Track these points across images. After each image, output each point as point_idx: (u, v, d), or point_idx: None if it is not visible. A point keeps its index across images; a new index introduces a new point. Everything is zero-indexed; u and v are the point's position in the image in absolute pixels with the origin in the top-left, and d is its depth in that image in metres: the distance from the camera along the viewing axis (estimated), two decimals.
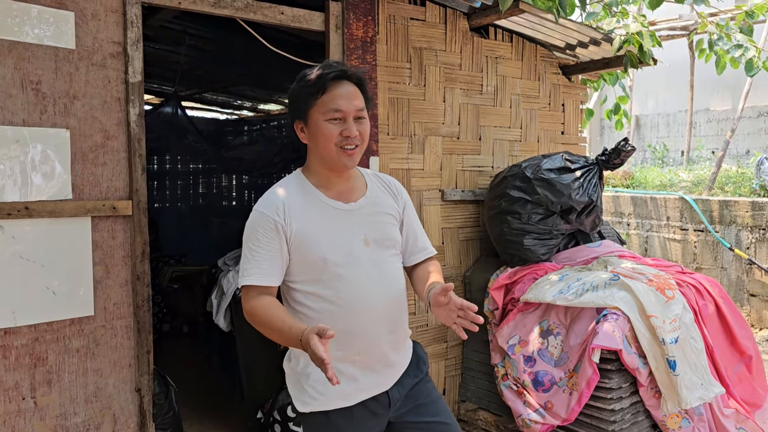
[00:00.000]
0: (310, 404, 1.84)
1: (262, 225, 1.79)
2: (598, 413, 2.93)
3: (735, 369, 3.25)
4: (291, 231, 1.79)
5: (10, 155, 2.31)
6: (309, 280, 1.82)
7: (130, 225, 2.58)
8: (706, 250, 6.20)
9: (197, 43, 4.58)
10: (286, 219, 1.79)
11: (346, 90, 1.81)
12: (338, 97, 1.79)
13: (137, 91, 2.58)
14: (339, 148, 1.80)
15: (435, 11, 3.63)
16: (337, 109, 1.78)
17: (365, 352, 1.84)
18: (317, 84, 1.79)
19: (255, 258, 1.78)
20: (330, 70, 1.81)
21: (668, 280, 3.12)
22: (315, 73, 1.82)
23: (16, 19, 2.31)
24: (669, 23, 7.98)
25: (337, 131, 1.79)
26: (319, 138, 1.81)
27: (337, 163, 1.83)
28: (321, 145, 1.82)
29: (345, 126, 1.79)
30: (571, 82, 4.39)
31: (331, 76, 1.79)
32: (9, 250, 2.31)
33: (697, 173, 7.90)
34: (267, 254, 1.78)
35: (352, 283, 1.80)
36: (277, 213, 1.79)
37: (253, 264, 1.78)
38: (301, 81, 1.84)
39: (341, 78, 1.81)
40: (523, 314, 3.30)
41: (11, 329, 2.32)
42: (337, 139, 1.79)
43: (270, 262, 1.78)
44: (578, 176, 3.43)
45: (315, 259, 1.79)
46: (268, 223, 1.78)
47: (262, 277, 1.78)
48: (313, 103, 1.80)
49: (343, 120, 1.80)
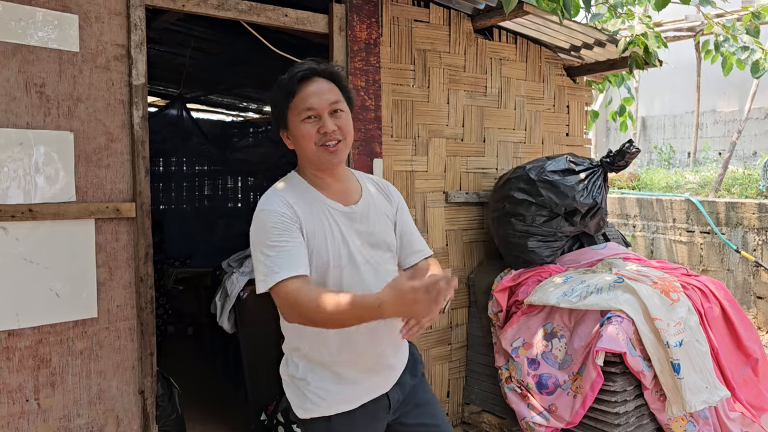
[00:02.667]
0: (311, 411, 1.81)
1: (276, 220, 1.70)
2: (603, 416, 2.92)
3: (741, 372, 3.23)
4: (303, 228, 1.75)
5: (14, 157, 2.31)
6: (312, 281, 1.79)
7: (134, 227, 2.59)
8: (713, 253, 6.16)
9: (202, 45, 4.60)
10: (296, 215, 1.75)
11: (316, 87, 1.77)
12: (308, 96, 1.76)
13: (141, 94, 2.58)
14: (320, 146, 1.77)
15: (439, 13, 3.62)
16: (309, 107, 1.75)
17: (366, 354, 1.82)
18: (287, 87, 1.77)
19: (281, 252, 1.67)
20: (297, 70, 1.78)
21: (673, 282, 3.10)
22: (286, 77, 1.79)
23: (21, 23, 2.32)
24: (675, 24, 7.95)
25: (313, 130, 1.76)
26: (300, 140, 1.78)
27: (322, 162, 1.79)
28: (303, 147, 1.79)
29: (321, 123, 1.76)
30: (575, 83, 4.37)
31: (299, 76, 1.76)
32: (12, 252, 2.31)
33: (703, 175, 7.86)
34: (292, 245, 1.68)
35: (352, 286, 1.79)
36: (289, 208, 1.74)
37: (280, 259, 1.66)
38: (276, 88, 1.82)
39: (310, 76, 1.78)
40: (527, 317, 3.28)
41: (15, 331, 2.33)
42: (315, 137, 1.76)
43: (298, 251, 1.69)
44: (582, 178, 3.41)
45: (318, 260, 1.77)
46: (283, 218, 1.71)
47: (297, 267, 1.65)
48: (287, 106, 1.78)
49: (318, 117, 1.76)
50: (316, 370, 1.82)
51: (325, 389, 1.80)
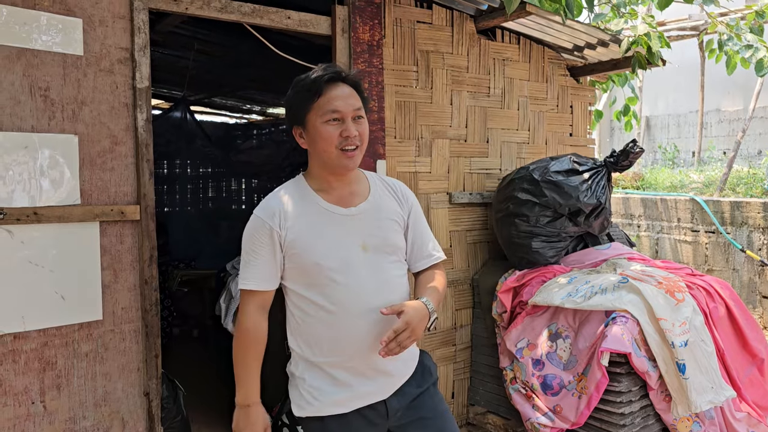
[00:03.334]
0: (305, 409, 1.85)
1: (258, 230, 1.82)
2: (608, 417, 2.91)
3: (747, 372, 3.22)
4: (285, 236, 1.80)
5: (19, 161, 2.32)
6: (304, 284, 1.82)
7: (138, 230, 2.59)
8: (718, 252, 6.14)
9: (205, 48, 4.61)
10: (281, 224, 1.80)
11: (342, 91, 1.80)
12: (335, 99, 1.78)
13: (145, 97, 2.59)
14: (339, 150, 1.79)
15: (441, 14, 3.62)
16: (335, 110, 1.78)
17: (359, 359, 1.82)
18: (313, 87, 1.79)
19: (251, 263, 1.83)
20: (325, 73, 1.80)
21: (678, 282, 3.09)
22: (309, 77, 1.82)
23: (25, 27, 2.33)
24: (679, 23, 7.94)
25: (336, 132, 1.78)
26: (319, 141, 1.80)
27: (338, 165, 1.82)
28: (321, 148, 1.81)
29: (344, 126, 1.79)
30: (579, 83, 4.37)
31: (326, 78, 1.79)
32: (18, 256, 2.33)
33: (708, 174, 7.84)
34: (262, 259, 1.82)
35: (346, 289, 1.79)
36: (272, 218, 1.81)
37: (249, 269, 1.83)
38: (297, 86, 1.84)
39: (336, 80, 1.81)
40: (532, 317, 3.28)
41: (20, 334, 2.34)
42: (337, 140, 1.78)
43: (265, 267, 1.82)
44: (586, 178, 3.41)
45: (308, 264, 1.79)
46: (264, 228, 1.81)
47: (258, 282, 1.82)
48: (310, 106, 1.79)
49: (342, 120, 1.79)
50: (312, 370, 1.85)
51: (319, 389, 1.83)
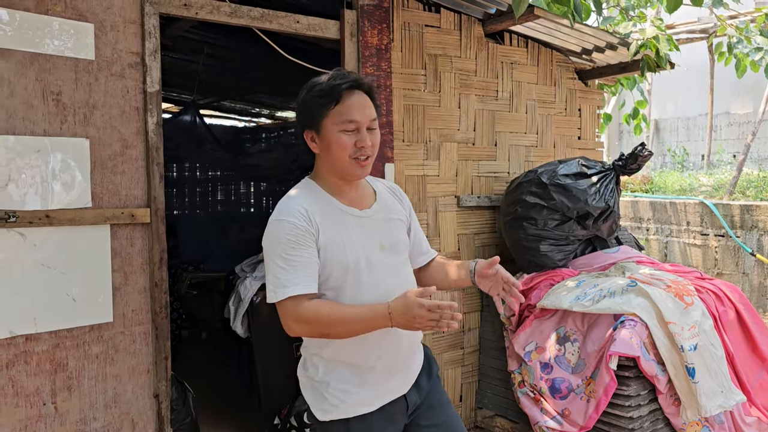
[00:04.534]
0: (330, 412, 1.83)
1: (292, 232, 1.74)
2: (616, 421, 2.90)
3: (757, 376, 3.20)
4: (319, 238, 1.77)
5: (31, 164, 2.35)
6: (331, 287, 1.80)
7: (149, 232, 2.61)
8: (727, 256, 6.11)
9: (215, 52, 4.64)
10: (313, 225, 1.77)
11: (359, 100, 1.80)
12: (352, 108, 1.78)
13: (155, 101, 2.61)
14: (353, 159, 1.80)
15: (450, 18, 3.63)
16: (352, 119, 1.78)
17: (386, 357, 1.84)
18: (331, 94, 1.78)
19: (294, 267, 1.72)
20: (344, 81, 1.79)
21: (687, 286, 3.08)
22: (327, 82, 1.80)
23: (38, 32, 2.36)
24: (688, 26, 7.91)
25: (351, 142, 1.78)
26: (333, 148, 1.80)
27: (350, 173, 1.83)
28: (335, 155, 1.80)
29: (359, 136, 1.79)
30: (587, 86, 4.37)
31: (345, 86, 1.78)
32: (30, 258, 2.35)
33: (717, 177, 7.80)
34: (305, 261, 1.74)
35: (372, 290, 1.80)
36: (304, 220, 1.76)
37: (293, 273, 1.72)
38: (312, 90, 1.82)
39: (354, 88, 1.80)
40: (540, 321, 3.28)
41: (32, 335, 2.36)
42: (351, 150, 1.79)
43: (310, 268, 1.74)
44: (595, 182, 3.40)
45: (338, 266, 1.78)
46: (299, 230, 1.74)
47: (308, 285, 1.73)
48: (327, 113, 1.78)
49: (357, 130, 1.79)
50: (337, 371, 1.83)
51: (345, 391, 1.82)
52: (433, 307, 1.55)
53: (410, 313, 1.58)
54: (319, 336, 1.77)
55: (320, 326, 1.72)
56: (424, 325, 1.58)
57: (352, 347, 1.80)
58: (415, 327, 1.61)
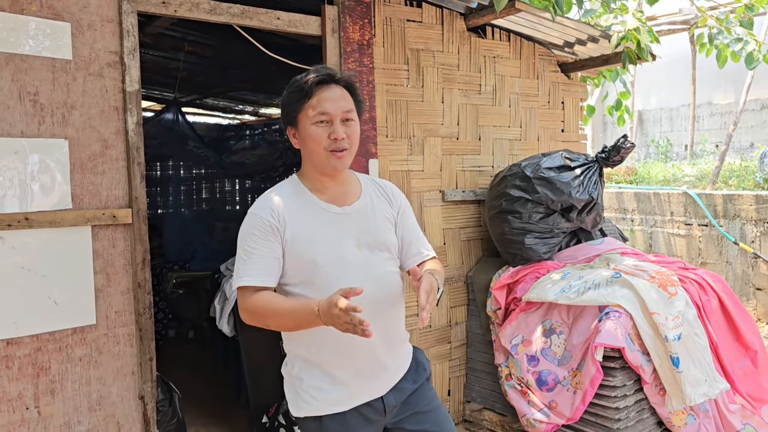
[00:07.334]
0: (303, 408, 1.85)
1: (257, 226, 1.81)
2: (603, 411, 2.92)
3: (740, 364, 3.23)
4: (285, 233, 1.81)
5: (9, 166, 2.32)
6: (300, 282, 1.82)
7: (131, 233, 2.59)
8: (711, 245, 6.17)
9: (196, 49, 4.59)
10: (280, 221, 1.81)
11: (332, 93, 1.82)
12: (324, 101, 1.81)
13: (135, 100, 2.58)
14: (328, 151, 1.82)
15: (431, 12, 3.63)
16: (323, 111, 1.80)
17: (357, 356, 1.83)
18: (304, 89, 1.81)
19: (251, 259, 1.79)
20: (316, 74, 1.83)
21: (670, 276, 3.11)
22: (302, 78, 1.84)
23: (13, 32, 2.32)
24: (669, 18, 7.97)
25: (324, 134, 1.81)
26: (308, 142, 1.83)
27: (327, 166, 1.84)
28: (310, 149, 1.84)
29: (332, 128, 1.81)
30: (570, 79, 4.38)
31: (316, 80, 1.81)
32: (10, 262, 2.32)
33: (700, 167, 7.87)
34: (263, 255, 1.79)
35: (342, 286, 1.79)
36: (271, 215, 1.81)
37: (249, 265, 1.79)
38: (290, 87, 1.87)
39: (327, 81, 1.83)
40: (526, 314, 3.29)
41: (13, 339, 2.33)
42: (326, 142, 1.81)
43: (266, 262, 1.79)
44: (578, 174, 3.42)
45: (306, 261, 1.80)
46: (264, 224, 1.80)
47: (259, 278, 1.78)
48: (301, 107, 1.82)
49: (330, 123, 1.81)
50: (311, 369, 1.85)
51: (317, 388, 1.83)
52: (348, 309, 1.51)
53: (330, 312, 1.55)
54: (261, 326, 1.80)
55: (258, 317, 1.77)
56: (341, 326, 1.54)
57: (320, 348, 1.82)
58: (338, 327, 1.56)
